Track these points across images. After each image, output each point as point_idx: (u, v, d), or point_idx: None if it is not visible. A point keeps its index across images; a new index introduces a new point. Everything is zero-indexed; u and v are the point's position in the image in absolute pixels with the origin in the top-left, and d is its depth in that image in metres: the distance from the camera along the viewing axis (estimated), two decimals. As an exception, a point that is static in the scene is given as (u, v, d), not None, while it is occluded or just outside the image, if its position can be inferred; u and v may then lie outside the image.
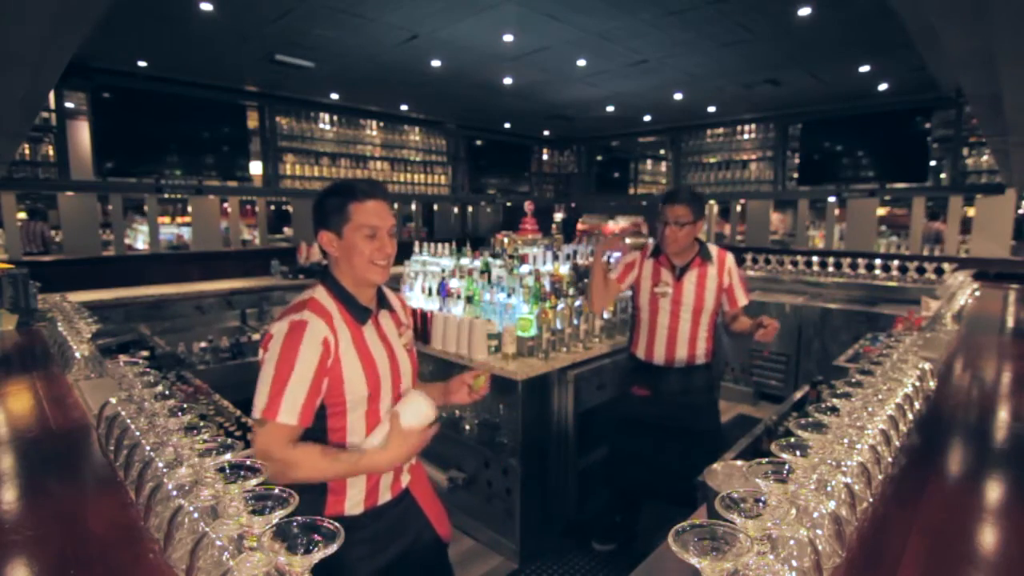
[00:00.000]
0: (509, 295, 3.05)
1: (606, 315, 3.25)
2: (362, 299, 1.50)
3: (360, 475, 1.44)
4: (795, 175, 6.82)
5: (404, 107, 6.88)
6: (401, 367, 1.55)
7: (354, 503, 1.46)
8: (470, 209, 8.90)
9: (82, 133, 5.26)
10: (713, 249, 2.69)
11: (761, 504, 0.83)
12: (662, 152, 8.47)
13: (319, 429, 1.42)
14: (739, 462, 1.42)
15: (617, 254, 4.25)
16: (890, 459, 1.35)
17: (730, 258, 2.70)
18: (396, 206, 7.78)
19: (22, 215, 6.19)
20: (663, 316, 2.66)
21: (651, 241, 2.80)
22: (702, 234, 2.71)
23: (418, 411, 1.48)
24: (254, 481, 0.91)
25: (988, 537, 1.15)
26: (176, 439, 1.12)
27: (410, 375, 1.60)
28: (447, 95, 6.08)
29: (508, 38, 4.15)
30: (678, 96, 5.99)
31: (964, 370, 2.37)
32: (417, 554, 1.56)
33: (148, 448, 1.20)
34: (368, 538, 1.47)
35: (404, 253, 3.38)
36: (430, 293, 3.39)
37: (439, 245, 4.20)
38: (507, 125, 8.13)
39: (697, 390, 2.70)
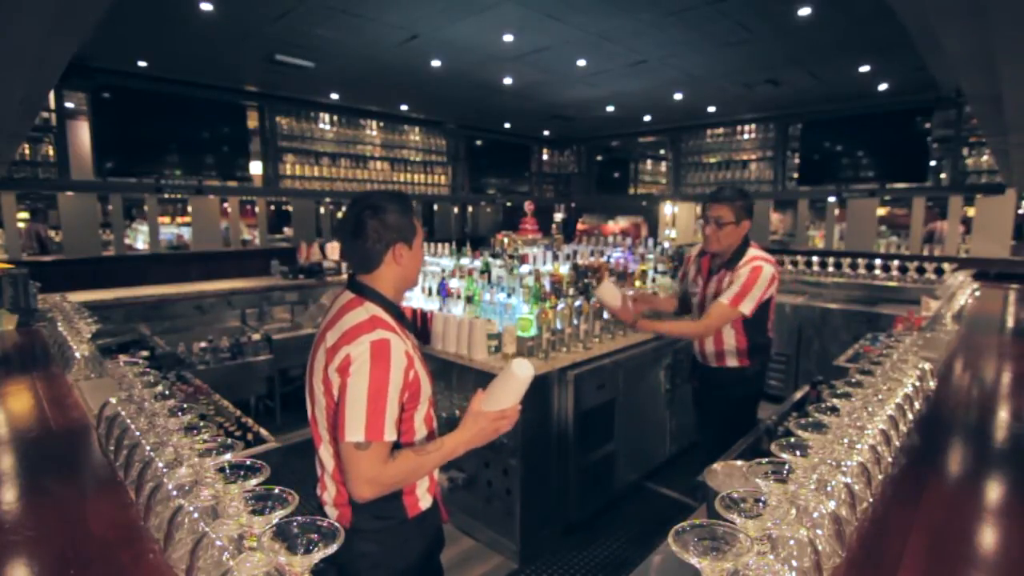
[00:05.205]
0: (509, 295, 3.05)
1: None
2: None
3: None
4: (795, 175, 6.82)
5: (404, 107, 6.88)
6: None
7: (424, 495, 1.52)
8: (470, 209, 8.89)
9: (82, 133, 5.25)
10: (749, 254, 2.52)
11: (761, 504, 0.83)
12: (662, 152, 8.47)
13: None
14: (739, 462, 1.42)
15: (616, 253, 4.27)
16: (890, 459, 1.35)
17: (751, 264, 2.47)
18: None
19: (23, 215, 6.17)
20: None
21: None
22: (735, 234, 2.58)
23: (516, 388, 1.52)
24: (254, 481, 0.92)
25: (988, 537, 1.15)
26: (176, 439, 1.12)
27: None
28: (447, 95, 6.08)
29: (508, 38, 4.15)
30: (678, 96, 5.99)
31: (964, 370, 2.37)
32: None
33: (148, 448, 1.20)
34: (437, 524, 1.59)
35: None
36: (430, 293, 3.38)
37: (439, 245, 4.21)
38: (507, 125, 8.12)
39: (727, 391, 2.70)
